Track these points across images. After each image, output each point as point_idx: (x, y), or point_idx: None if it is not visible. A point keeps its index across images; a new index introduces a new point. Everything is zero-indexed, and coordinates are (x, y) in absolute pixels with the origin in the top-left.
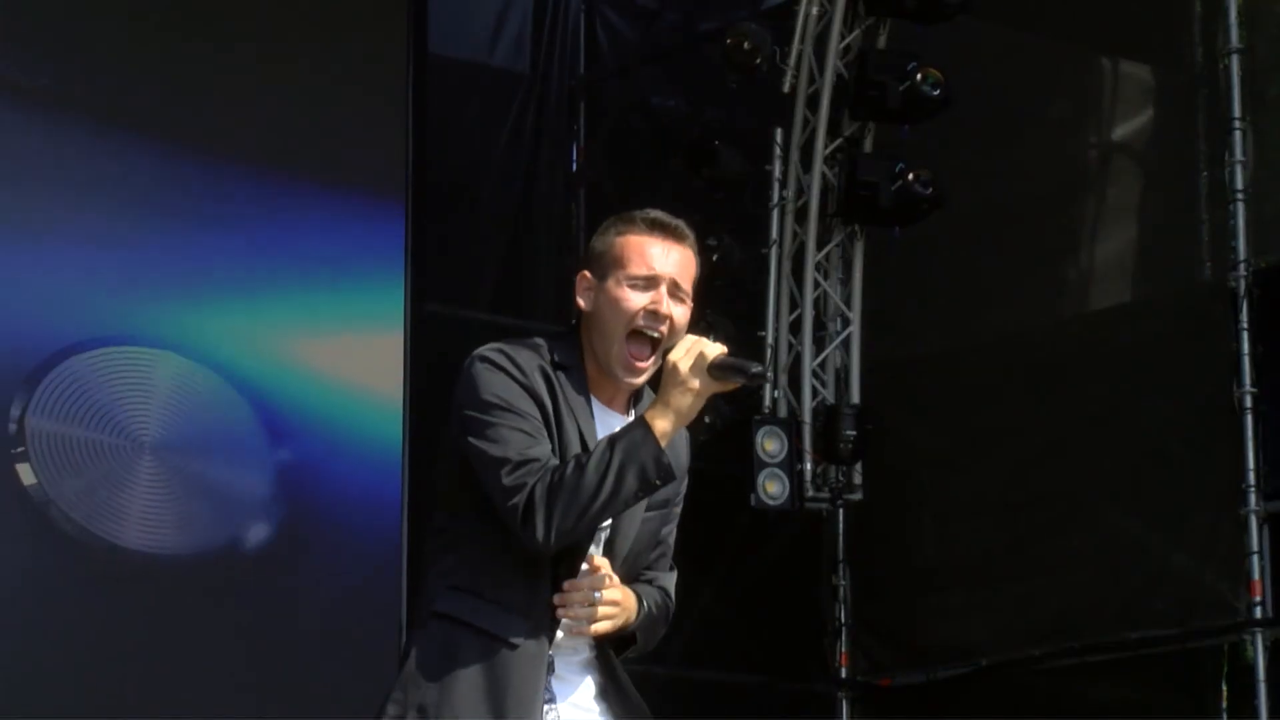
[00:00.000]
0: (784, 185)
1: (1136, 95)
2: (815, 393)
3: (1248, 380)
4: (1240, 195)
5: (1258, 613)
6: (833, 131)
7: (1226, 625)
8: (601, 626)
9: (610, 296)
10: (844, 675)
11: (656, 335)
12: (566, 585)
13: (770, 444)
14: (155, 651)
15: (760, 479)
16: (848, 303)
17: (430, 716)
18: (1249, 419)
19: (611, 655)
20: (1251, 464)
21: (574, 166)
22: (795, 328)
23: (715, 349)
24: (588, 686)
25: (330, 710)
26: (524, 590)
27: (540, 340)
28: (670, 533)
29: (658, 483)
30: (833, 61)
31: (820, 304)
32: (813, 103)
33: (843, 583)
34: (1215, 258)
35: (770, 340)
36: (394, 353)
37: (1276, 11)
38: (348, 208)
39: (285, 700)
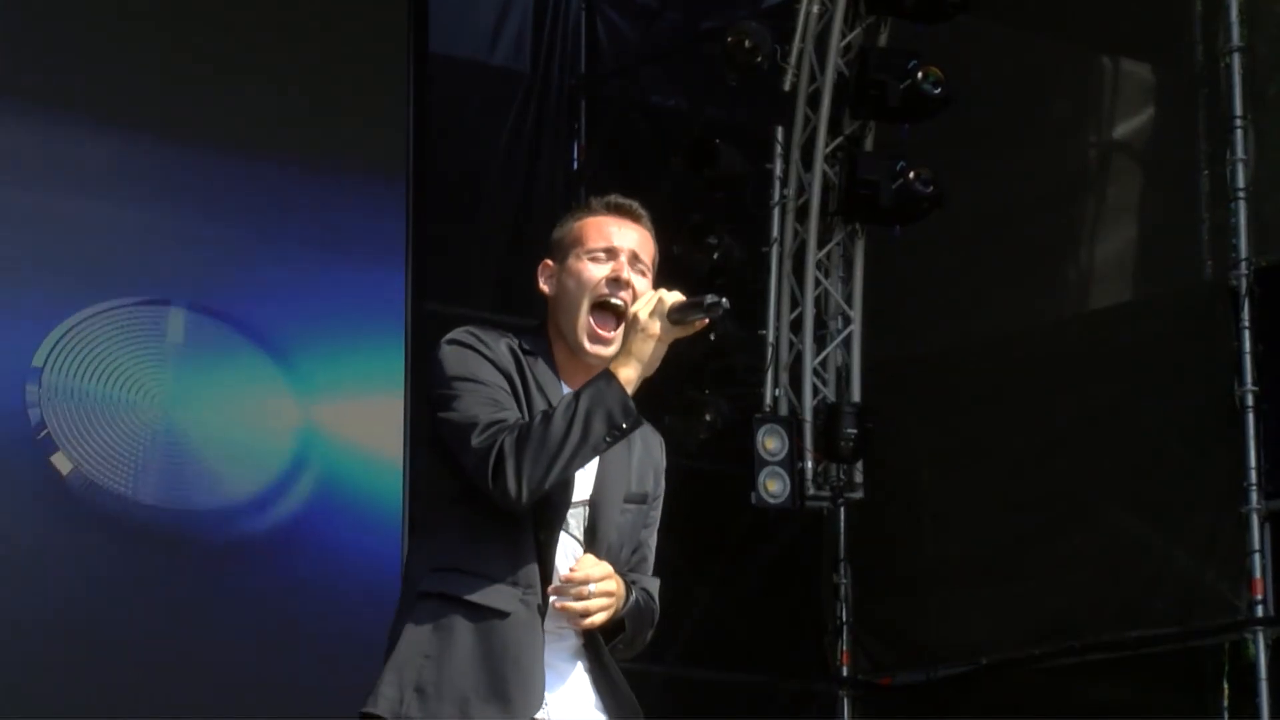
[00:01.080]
0: (785, 184)
1: (1137, 94)
2: (816, 391)
3: (1249, 379)
4: (1241, 194)
5: (1259, 611)
6: (833, 130)
7: (1227, 624)
8: (597, 619)
9: (571, 272)
10: (845, 674)
11: (619, 303)
12: (561, 578)
13: (771, 442)
14: (157, 646)
15: (761, 477)
16: (849, 301)
17: (430, 695)
18: (1250, 417)
19: (600, 643)
20: (1253, 462)
21: (574, 165)
22: (796, 326)
23: (674, 296)
24: (579, 675)
25: (331, 710)
26: (509, 561)
27: (508, 332)
28: (650, 537)
29: (624, 425)
30: (833, 60)
31: (821, 302)
32: (813, 101)
33: (843, 581)
34: (1216, 257)
35: (771, 339)
36: (393, 348)
37: (1277, 11)
38: (348, 206)
39: (285, 698)
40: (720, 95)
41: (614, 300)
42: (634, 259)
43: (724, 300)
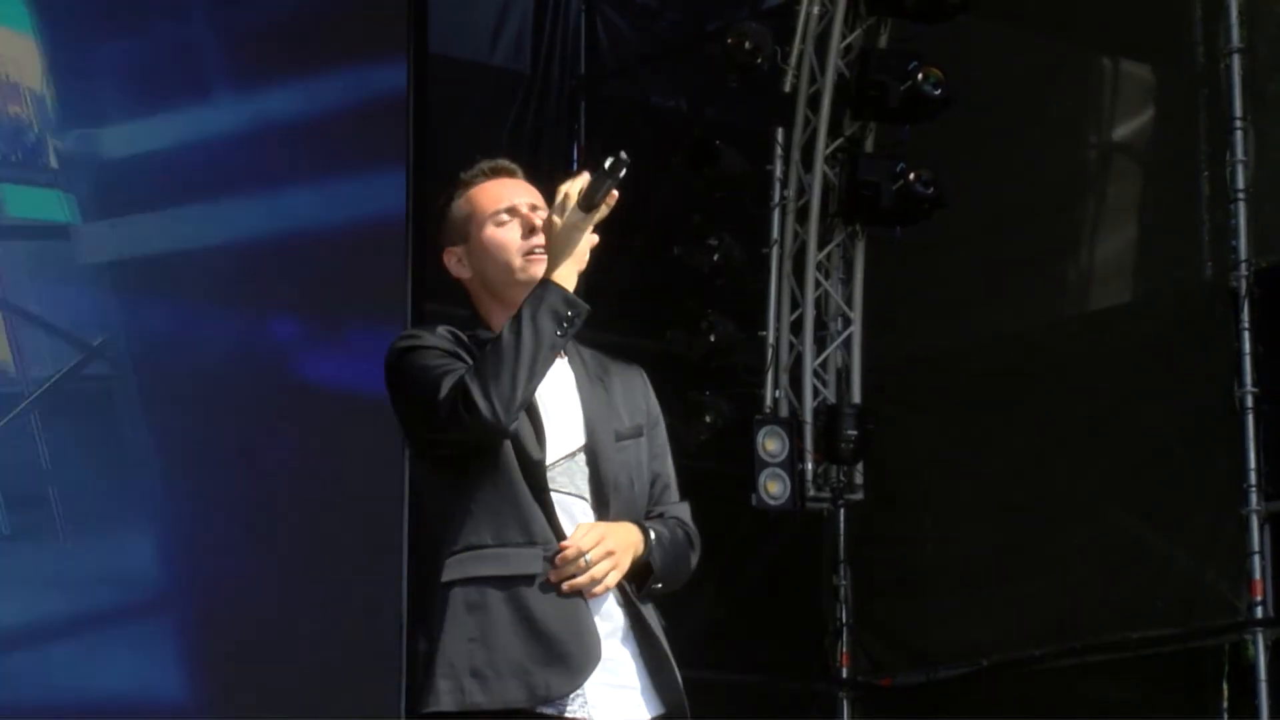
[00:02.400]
0: (785, 185)
1: (1137, 95)
2: (816, 392)
3: (1248, 380)
4: (1241, 195)
5: (1259, 612)
6: (834, 131)
7: (1227, 625)
8: (610, 581)
9: (482, 243)
10: (845, 675)
11: (544, 251)
12: (557, 561)
13: (771, 444)
14: (146, 645)
15: (761, 479)
16: (849, 302)
17: (489, 676)
18: (1250, 419)
19: (648, 624)
20: (1252, 464)
21: (574, 166)
22: (796, 327)
23: (578, 184)
24: (624, 660)
25: (329, 711)
26: (518, 525)
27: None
28: (664, 465)
29: (571, 314)
30: (834, 61)
31: (821, 304)
32: (814, 102)
33: (843, 582)
34: (1216, 257)
35: (771, 340)
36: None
37: (1277, 11)
38: (349, 207)
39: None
40: (720, 96)
41: (538, 246)
42: (533, 208)
43: (623, 154)
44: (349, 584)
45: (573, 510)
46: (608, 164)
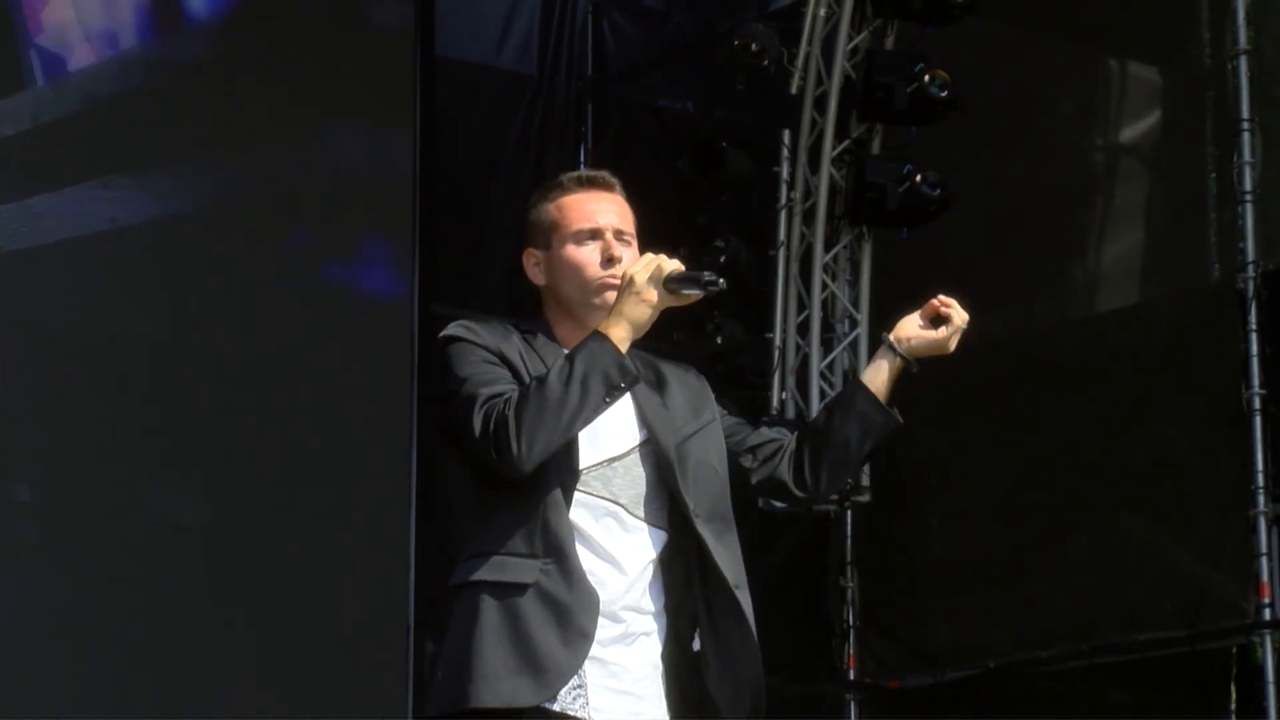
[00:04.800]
0: (791, 187)
1: (1144, 96)
2: (823, 394)
3: (1256, 381)
4: (1248, 196)
5: (1266, 615)
6: (840, 133)
7: (1235, 627)
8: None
9: (561, 260)
10: (852, 677)
11: (618, 280)
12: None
13: None
14: (155, 646)
15: None
16: (855, 304)
17: (464, 679)
18: (1257, 420)
19: (683, 640)
20: (1260, 465)
21: (581, 168)
22: (803, 329)
23: (672, 264)
24: (634, 665)
25: (331, 710)
26: (525, 535)
27: (503, 320)
28: (748, 430)
29: (622, 385)
30: (840, 63)
31: (828, 305)
32: (820, 104)
33: (850, 585)
34: (1223, 259)
35: (778, 342)
36: (401, 346)
37: None
38: (356, 209)
39: (285, 700)
40: (727, 98)
41: (613, 281)
42: (618, 234)
43: (721, 280)
44: (355, 583)
45: (609, 514)
46: (705, 278)
